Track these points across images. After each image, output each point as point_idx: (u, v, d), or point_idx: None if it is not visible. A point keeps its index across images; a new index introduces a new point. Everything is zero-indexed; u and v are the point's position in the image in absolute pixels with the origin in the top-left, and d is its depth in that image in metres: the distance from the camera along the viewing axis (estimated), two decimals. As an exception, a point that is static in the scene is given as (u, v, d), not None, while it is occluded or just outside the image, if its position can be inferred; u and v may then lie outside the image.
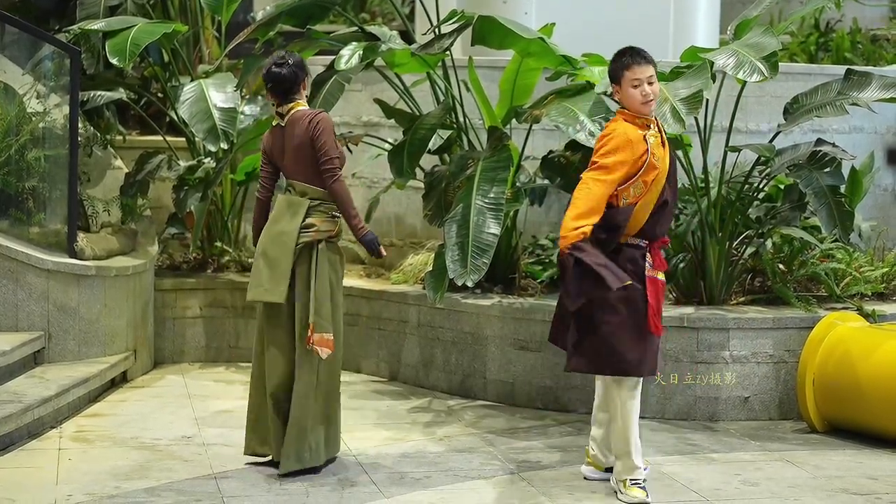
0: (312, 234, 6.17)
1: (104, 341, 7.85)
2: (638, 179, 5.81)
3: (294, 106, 6.21)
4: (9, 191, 7.85)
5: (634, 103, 5.87)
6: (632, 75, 5.86)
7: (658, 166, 5.85)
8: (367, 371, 8.42)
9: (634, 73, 5.85)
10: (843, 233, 7.23)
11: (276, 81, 6.16)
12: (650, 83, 5.87)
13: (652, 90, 5.87)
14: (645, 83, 5.85)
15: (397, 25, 11.26)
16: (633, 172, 5.80)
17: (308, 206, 6.17)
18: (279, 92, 6.18)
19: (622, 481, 5.94)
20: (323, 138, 6.11)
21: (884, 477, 6.35)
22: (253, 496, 5.90)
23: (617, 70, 5.91)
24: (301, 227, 6.15)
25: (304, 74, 6.22)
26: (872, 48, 11.83)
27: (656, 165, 5.84)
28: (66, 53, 7.97)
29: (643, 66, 5.87)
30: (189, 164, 8.64)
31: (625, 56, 5.91)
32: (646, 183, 5.82)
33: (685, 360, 7.31)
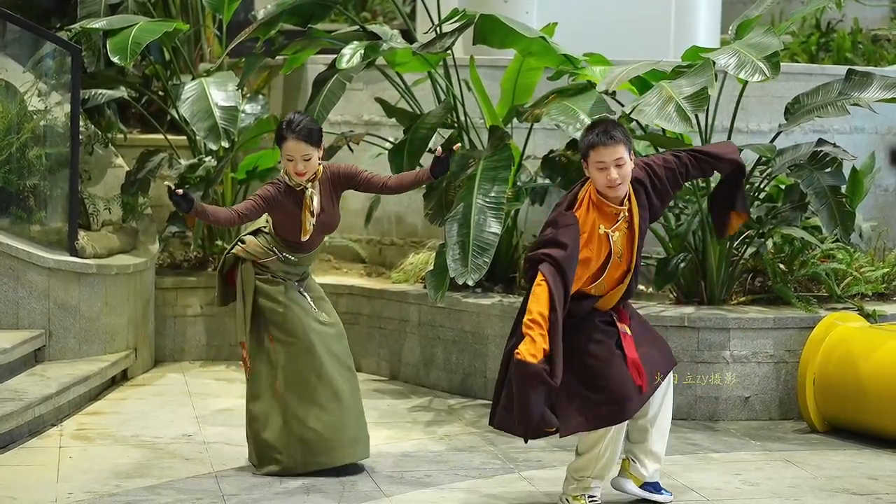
0: (240, 248, 6.19)
1: (105, 339, 7.85)
2: (602, 281, 5.55)
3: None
4: (10, 189, 7.86)
5: (599, 186, 5.45)
6: (597, 157, 5.41)
7: (621, 262, 5.55)
8: (367, 370, 8.42)
9: (599, 156, 5.40)
10: (843, 233, 7.23)
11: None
12: (619, 165, 5.40)
13: (620, 173, 5.40)
14: (612, 167, 5.39)
15: (398, 24, 11.27)
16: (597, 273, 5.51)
17: (260, 226, 6.20)
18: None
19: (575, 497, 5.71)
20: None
21: (884, 477, 6.35)
22: (253, 494, 5.90)
23: (582, 148, 5.49)
24: (241, 237, 6.22)
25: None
26: (873, 48, 11.83)
27: (620, 263, 5.55)
28: (68, 52, 7.97)
29: (610, 147, 5.38)
30: (190, 163, 8.64)
31: (591, 133, 5.46)
32: (611, 280, 5.58)
33: (686, 359, 7.32)
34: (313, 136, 6.00)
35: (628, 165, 5.46)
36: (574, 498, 5.74)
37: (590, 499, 5.73)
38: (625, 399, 5.51)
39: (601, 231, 5.48)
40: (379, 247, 9.24)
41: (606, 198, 5.49)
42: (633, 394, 5.53)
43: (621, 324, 5.67)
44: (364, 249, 9.28)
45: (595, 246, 5.48)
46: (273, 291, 6.15)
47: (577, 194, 5.60)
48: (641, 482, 5.89)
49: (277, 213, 6.08)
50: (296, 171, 6.00)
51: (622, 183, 5.45)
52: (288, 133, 5.99)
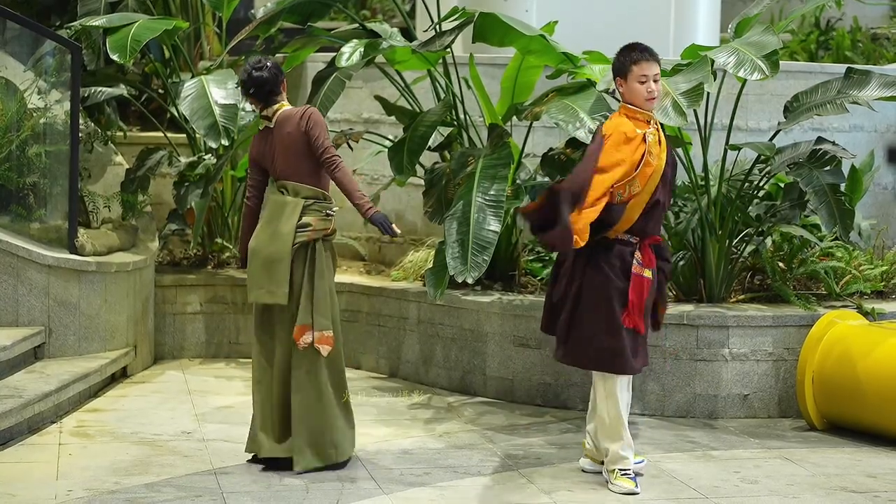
0: (309, 233, 6.15)
1: (104, 337, 7.86)
2: (635, 178, 5.87)
3: (279, 107, 6.22)
4: (10, 186, 7.86)
5: (639, 99, 5.94)
6: (639, 70, 5.92)
7: (654, 164, 5.90)
8: (366, 367, 8.43)
9: (642, 69, 5.92)
10: (842, 231, 7.24)
11: (258, 85, 6.17)
12: (655, 80, 5.94)
13: (657, 88, 5.95)
14: (651, 80, 5.93)
15: (398, 22, 11.27)
16: (630, 170, 5.85)
17: (303, 206, 6.17)
18: (262, 95, 6.20)
19: (611, 471, 6.04)
20: (317, 131, 6.12)
21: (882, 475, 6.36)
22: (253, 492, 5.91)
23: (624, 64, 5.97)
24: (297, 226, 6.14)
25: (282, 75, 6.25)
26: (873, 47, 11.84)
27: (652, 164, 5.89)
28: (67, 49, 7.97)
29: (651, 63, 5.94)
30: (190, 161, 8.64)
31: (634, 51, 5.97)
32: (641, 181, 5.89)
33: (685, 357, 7.32)
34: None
35: (661, 84, 6.02)
36: (609, 472, 6.06)
37: (621, 471, 6.02)
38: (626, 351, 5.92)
39: (637, 132, 5.89)
40: (378, 244, 9.25)
41: (640, 109, 5.95)
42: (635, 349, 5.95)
43: (644, 267, 5.97)
44: (363, 247, 9.28)
45: (629, 147, 5.85)
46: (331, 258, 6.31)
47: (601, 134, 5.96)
48: (601, 460, 6.21)
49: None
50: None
51: (657, 97, 5.98)
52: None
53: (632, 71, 5.93)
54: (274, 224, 6.16)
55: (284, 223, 6.14)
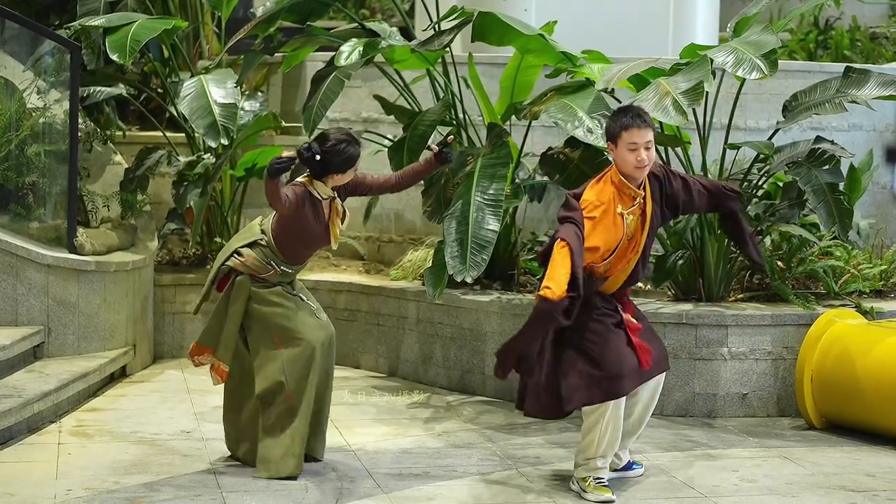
0: (238, 261, 6.13)
1: (104, 336, 7.86)
2: (613, 257, 5.76)
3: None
4: (9, 186, 7.86)
5: (628, 167, 5.71)
6: (629, 138, 5.69)
7: (628, 246, 5.77)
8: (366, 367, 8.43)
9: (632, 136, 5.69)
10: (841, 230, 7.24)
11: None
12: (647, 148, 5.70)
13: (648, 156, 5.70)
14: (642, 148, 5.69)
15: (397, 22, 11.28)
16: (610, 251, 5.73)
17: (256, 239, 6.15)
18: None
19: (583, 479, 5.89)
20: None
21: (881, 474, 6.36)
22: (252, 491, 5.91)
23: (615, 129, 5.73)
24: (236, 250, 6.15)
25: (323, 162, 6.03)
26: (871, 46, 11.84)
27: (629, 245, 5.78)
28: (67, 49, 7.97)
29: (643, 129, 5.70)
30: (189, 160, 8.64)
31: (625, 116, 5.75)
32: (620, 259, 5.79)
33: (684, 356, 7.33)
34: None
35: (654, 150, 5.78)
36: (583, 480, 5.91)
37: (596, 480, 5.89)
38: (622, 375, 5.76)
39: (618, 210, 5.74)
40: (377, 244, 9.25)
41: (628, 179, 5.75)
42: (630, 371, 5.79)
43: (626, 314, 5.89)
44: (363, 246, 9.28)
45: (610, 223, 5.72)
46: (270, 295, 6.12)
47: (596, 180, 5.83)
48: (613, 468, 6.15)
49: (295, 220, 6.02)
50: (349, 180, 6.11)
51: (648, 165, 5.74)
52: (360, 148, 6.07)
53: (622, 137, 5.69)
54: (233, 237, 6.32)
55: (235, 239, 6.23)
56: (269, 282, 6.14)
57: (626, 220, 5.75)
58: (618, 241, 5.74)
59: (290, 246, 6.11)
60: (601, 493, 5.85)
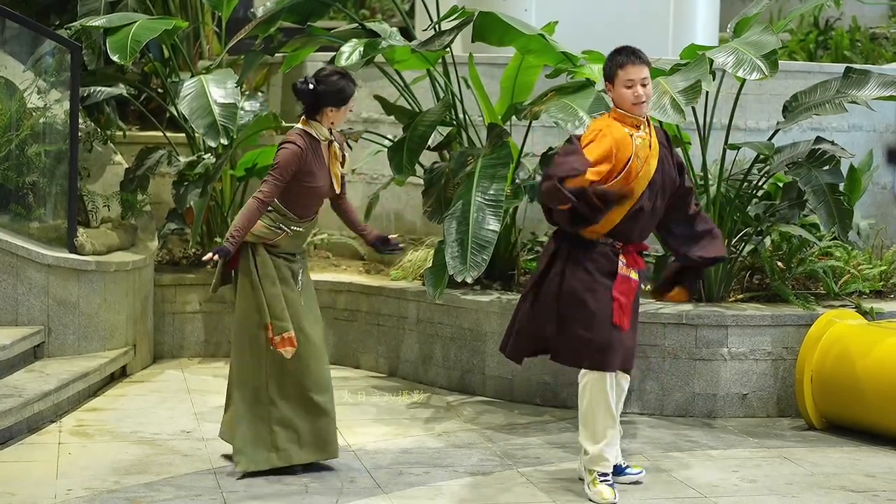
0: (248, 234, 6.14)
1: (104, 336, 7.86)
2: (619, 179, 5.76)
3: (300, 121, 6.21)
4: (9, 186, 7.86)
5: (626, 103, 5.83)
6: (625, 75, 5.81)
7: (639, 168, 5.79)
8: (366, 367, 8.43)
9: (628, 74, 5.80)
10: (841, 231, 7.24)
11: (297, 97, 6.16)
12: (643, 84, 5.82)
13: (645, 92, 5.82)
14: (638, 84, 5.80)
15: (397, 22, 11.28)
16: (615, 171, 5.76)
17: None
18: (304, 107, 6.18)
19: (589, 472, 5.92)
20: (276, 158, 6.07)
21: (881, 474, 6.36)
22: (252, 491, 5.91)
23: (611, 68, 5.86)
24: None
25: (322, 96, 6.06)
26: (871, 46, 11.85)
27: (638, 166, 5.78)
28: (67, 49, 7.97)
29: (637, 66, 5.81)
30: (189, 160, 8.64)
31: (620, 55, 5.86)
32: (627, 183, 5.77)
33: (684, 356, 7.33)
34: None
35: (651, 87, 5.87)
36: (589, 472, 5.93)
37: (602, 477, 5.89)
38: (611, 348, 5.82)
39: (625, 132, 5.79)
40: (378, 244, 9.24)
41: (629, 113, 5.83)
42: (619, 347, 5.83)
43: (629, 268, 5.89)
44: (363, 246, 9.28)
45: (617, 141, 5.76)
46: (273, 269, 6.14)
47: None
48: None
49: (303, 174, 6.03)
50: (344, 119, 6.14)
51: (646, 101, 5.84)
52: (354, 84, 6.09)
53: (618, 75, 5.82)
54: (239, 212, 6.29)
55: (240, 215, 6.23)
56: (280, 249, 6.12)
57: (635, 141, 5.79)
58: (627, 157, 5.75)
59: (296, 198, 6.10)
60: (603, 497, 5.83)
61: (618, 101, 5.86)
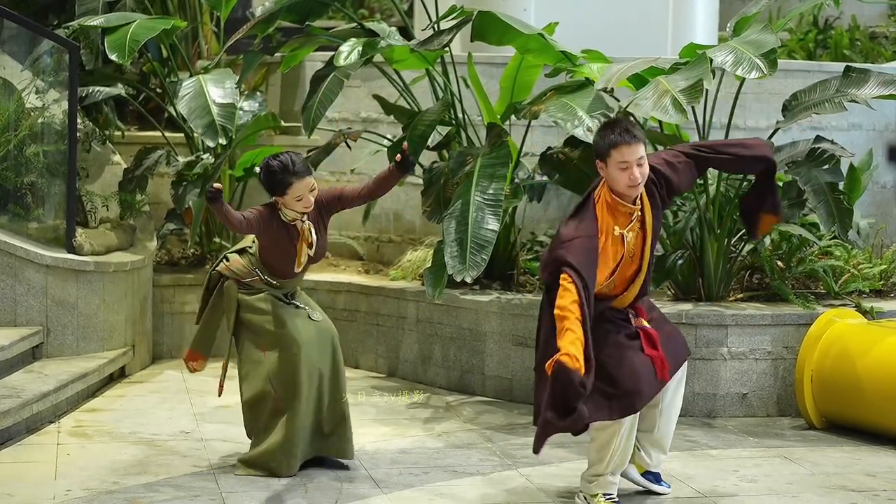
0: (224, 266, 6.15)
1: (103, 336, 7.85)
2: (613, 279, 5.57)
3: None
4: (7, 186, 7.86)
5: (620, 186, 5.43)
6: (619, 157, 5.39)
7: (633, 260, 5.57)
8: (365, 367, 8.43)
9: (623, 155, 5.38)
10: (841, 230, 7.24)
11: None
12: (640, 164, 5.40)
13: (641, 172, 5.41)
14: (634, 166, 5.39)
15: (396, 21, 11.27)
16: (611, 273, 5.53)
17: (245, 246, 6.19)
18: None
19: (594, 496, 5.71)
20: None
21: (882, 474, 6.36)
22: (251, 491, 5.90)
23: (602, 147, 5.44)
24: (228, 254, 6.19)
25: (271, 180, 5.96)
26: (871, 45, 11.84)
27: (633, 262, 5.57)
28: (65, 49, 7.97)
29: (632, 146, 5.38)
30: (188, 160, 8.63)
31: (612, 133, 5.43)
32: (623, 280, 5.60)
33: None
34: (310, 167, 6.00)
35: (647, 165, 5.47)
36: (592, 496, 5.72)
37: (606, 497, 5.70)
38: (638, 391, 5.51)
39: (616, 233, 5.48)
40: (377, 244, 9.25)
41: (622, 197, 5.48)
42: (645, 386, 5.53)
43: (638, 319, 5.67)
44: (362, 246, 9.28)
45: (609, 247, 5.47)
46: (257, 301, 6.11)
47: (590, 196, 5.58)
48: (644, 470, 5.95)
49: (267, 240, 6.02)
50: (305, 207, 5.96)
51: (642, 182, 5.45)
52: (292, 177, 5.88)
53: (611, 155, 5.39)
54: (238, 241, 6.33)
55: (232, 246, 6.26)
56: (255, 288, 6.13)
57: (627, 239, 5.49)
58: (618, 262, 5.52)
59: (270, 261, 6.11)
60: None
61: (611, 182, 5.45)
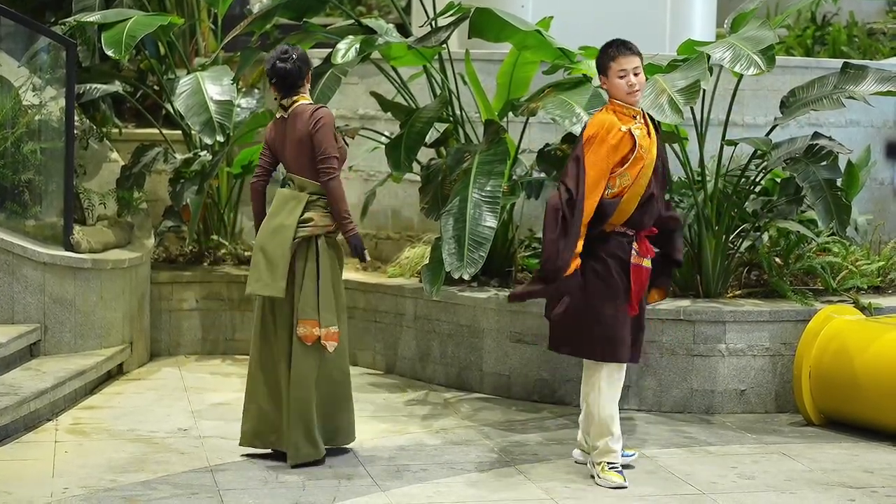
0: (310, 228, 6.17)
1: (100, 334, 7.85)
2: (625, 171, 5.93)
3: (297, 100, 6.25)
4: (5, 183, 7.85)
5: (620, 93, 5.98)
6: (617, 66, 5.96)
7: (644, 158, 5.96)
8: (363, 364, 8.42)
9: (620, 64, 5.96)
10: (839, 226, 7.23)
11: (280, 76, 6.20)
12: (636, 74, 5.97)
13: (638, 80, 5.97)
14: (631, 74, 5.95)
15: (394, 18, 11.26)
16: (621, 163, 5.91)
17: (307, 201, 6.18)
18: (283, 87, 6.22)
19: (598, 464, 6.07)
20: (321, 135, 6.12)
21: (879, 470, 6.36)
22: (249, 489, 5.90)
23: (603, 61, 6.02)
24: (299, 221, 6.16)
25: (308, 68, 6.27)
26: (869, 42, 11.85)
27: (643, 157, 5.95)
28: (62, 46, 7.96)
29: (629, 56, 5.97)
30: (185, 157, 8.63)
31: (611, 47, 6.02)
32: (632, 175, 5.94)
33: (682, 352, 7.32)
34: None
35: (643, 76, 6.00)
36: (597, 465, 6.09)
37: (610, 465, 6.06)
38: (621, 341, 5.98)
39: (622, 129, 5.92)
40: (375, 241, 9.24)
41: (624, 104, 5.98)
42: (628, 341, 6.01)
43: (642, 256, 6.06)
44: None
45: (617, 143, 5.90)
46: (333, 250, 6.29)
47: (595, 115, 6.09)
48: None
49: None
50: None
51: (640, 90, 5.98)
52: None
53: (611, 67, 5.99)
54: (277, 217, 6.20)
55: (287, 217, 6.16)
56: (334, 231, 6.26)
57: (635, 133, 5.92)
58: (627, 152, 5.91)
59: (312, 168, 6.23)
60: (614, 479, 6.00)
61: (612, 93, 6.01)
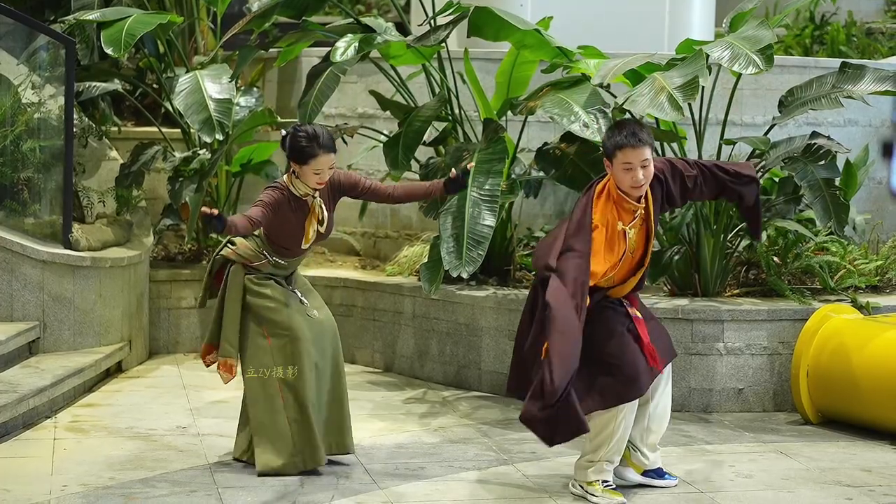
0: (229, 250, 6.10)
1: (99, 332, 7.85)
2: (616, 272, 5.68)
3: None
4: (4, 182, 7.85)
5: (624, 185, 5.61)
6: (623, 158, 5.56)
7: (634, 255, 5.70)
8: (361, 362, 8.43)
9: (627, 157, 5.55)
10: (837, 226, 7.24)
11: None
12: (643, 166, 5.56)
13: (645, 174, 5.57)
14: (638, 168, 5.55)
15: (393, 17, 11.27)
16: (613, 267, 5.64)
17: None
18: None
19: (590, 483, 5.77)
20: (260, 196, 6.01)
21: (877, 469, 6.37)
22: (248, 486, 5.90)
23: (609, 146, 5.61)
24: (230, 238, 6.11)
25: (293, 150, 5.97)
26: (867, 41, 11.85)
27: (633, 256, 5.70)
28: (62, 44, 7.96)
29: (637, 149, 5.54)
30: (184, 156, 8.63)
31: (619, 135, 5.59)
32: (623, 273, 5.71)
33: (680, 351, 7.32)
34: (335, 144, 5.97)
35: (651, 167, 5.62)
36: (588, 484, 5.78)
37: (604, 483, 5.77)
38: (636, 377, 5.64)
39: (619, 228, 5.62)
40: (373, 239, 9.25)
41: (628, 196, 5.64)
42: (644, 372, 5.67)
43: (632, 309, 5.80)
44: (358, 242, 9.28)
45: (612, 241, 5.61)
46: (262, 288, 6.08)
47: (594, 189, 5.69)
48: (642, 470, 6.00)
49: (276, 220, 5.98)
50: (318, 183, 5.94)
51: (645, 184, 5.61)
52: (319, 149, 5.87)
53: (616, 156, 5.57)
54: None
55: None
56: (262, 272, 6.11)
57: (629, 235, 5.64)
58: (620, 256, 5.64)
59: (276, 240, 6.07)
60: (612, 497, 5.73)
61: (616, 181, 5.63)
